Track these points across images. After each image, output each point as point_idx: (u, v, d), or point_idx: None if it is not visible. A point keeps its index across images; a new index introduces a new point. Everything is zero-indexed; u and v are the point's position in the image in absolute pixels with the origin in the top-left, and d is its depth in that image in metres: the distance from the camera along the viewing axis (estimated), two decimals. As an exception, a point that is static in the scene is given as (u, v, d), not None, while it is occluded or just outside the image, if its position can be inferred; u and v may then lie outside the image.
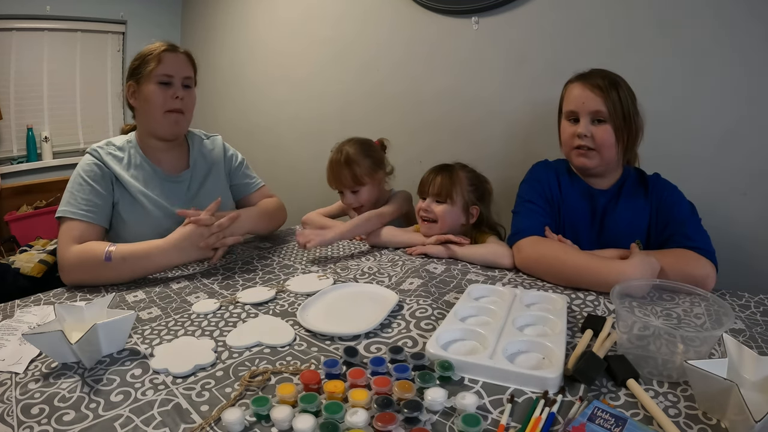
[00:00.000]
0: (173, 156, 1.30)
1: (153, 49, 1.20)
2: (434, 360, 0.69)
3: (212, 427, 0.58)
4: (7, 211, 2.52)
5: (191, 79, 1.26)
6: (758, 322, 0.85)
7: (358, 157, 1.46)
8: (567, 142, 1.15)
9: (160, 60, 1.19)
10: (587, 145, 1.10)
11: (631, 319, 0.71)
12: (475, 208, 1.31)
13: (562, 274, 1.01)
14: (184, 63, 1.23)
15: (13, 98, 2.60)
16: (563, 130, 1.17)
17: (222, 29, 2.77)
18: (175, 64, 1.21)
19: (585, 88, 1.10)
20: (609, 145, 1.09)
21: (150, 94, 1.19)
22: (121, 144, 1.24)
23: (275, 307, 0.94)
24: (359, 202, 1.49)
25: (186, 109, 1.24)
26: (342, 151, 1.47)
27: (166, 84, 1.20)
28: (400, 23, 1.94)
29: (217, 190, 1.34)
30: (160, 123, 1.22)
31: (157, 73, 1.19)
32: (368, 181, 1.47)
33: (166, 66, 1.19)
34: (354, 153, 1.46)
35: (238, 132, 2.65)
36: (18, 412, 0.61)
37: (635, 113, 1.10)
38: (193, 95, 1.27)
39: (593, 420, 0.56)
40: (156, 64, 1.18)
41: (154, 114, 1.20)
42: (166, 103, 1.20)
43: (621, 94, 1.08)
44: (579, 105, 1.11)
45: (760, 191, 1.32)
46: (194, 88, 1.28)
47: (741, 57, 1.29)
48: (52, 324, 0.74)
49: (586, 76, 1.13)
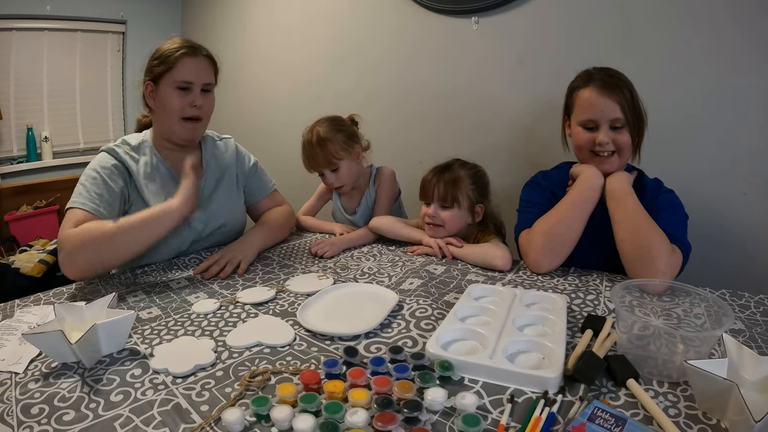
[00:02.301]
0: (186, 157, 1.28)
1: (174, 49, 1.15)
2: (434, 360, 0.69)
3: (212, 427, 0.58)
4: (7, 211, 2.52)
5: (211, 84, 1.22)
6: (758, 322, 0.85)
7: (331, 134, 1.42)
8: (583, 147, 1.14)
9: (180, 64, 1.14)
10: (609, 151, 1.10)
11: (631, 319, 0.71)
12: (479, 206, 1.31)
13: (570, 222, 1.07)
14: (204, 68, 1.19)
15: (13, 98, 2.59)
16: (577, 136, 1.15)
17: (222, 29, 2.77)
18: (196, 70, 1.16)
19: (600, 95, 1.08)
20: (628, 147, 1.10)
21: (167, 99, 1.16)
22: (136, 144, 1.22)
23: (275, 307, 0.93)
24: (340, 181, 1.47)
25: (204, 116, 1.21)
26: (313, 132, 1.44)
27: (185, 89, 1.16)
28: (400, 24, 1.94)
29: (230, 194, 1.34)
30: (176, 129, 1.19)
31: (175, 78, 1.14)
32: (344, 156, 1.44)
33: (185, 71, 1.15)
34: (326, 131, 1.43)
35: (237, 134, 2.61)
36: (18, 412, 0.61)
37: (641, 108, 1.11)
38: (212, 100, 1.24)
39: (593, 420, 0.56)
40: (175, 68, 1.14)
41: (171, 120, 1.18)
42: (183, 110, 1.16)
43: (632, 93, 1.09)
44: (597, 113, 1.09)
45: (760, 191, 1.32)
46: (213, 93, 1.24)
47: (741, 57, 1.29)
48: (52, 324, 0.74)
49: (593, 78, 1.11)
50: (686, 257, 1.01)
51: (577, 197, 1.09)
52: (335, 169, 1.46)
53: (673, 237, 0.99)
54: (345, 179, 1.47)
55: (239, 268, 1.13)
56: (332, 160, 1.43)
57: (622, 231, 1.02)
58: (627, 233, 1.01)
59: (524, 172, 1.29)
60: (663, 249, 0.96)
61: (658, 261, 0.95)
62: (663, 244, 0.96)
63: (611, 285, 1.02)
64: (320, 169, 1.47)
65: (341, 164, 1.45)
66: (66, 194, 1.18)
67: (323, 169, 1.46)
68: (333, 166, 1.45)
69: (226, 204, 1.33)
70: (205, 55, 1.20)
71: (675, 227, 1.03)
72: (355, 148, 1.47)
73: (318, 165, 1.45)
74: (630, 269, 1.00)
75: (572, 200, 1.09)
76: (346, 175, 1.47)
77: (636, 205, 1.03)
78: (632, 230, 1.00)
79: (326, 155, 1.42)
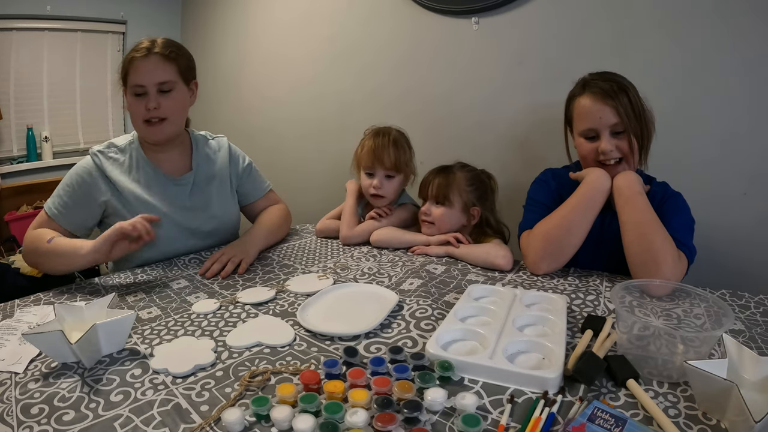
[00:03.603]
0: (173, 157, 1.27)
1: (127, 54, 1.15)
2: (434, 360, 0.69)
3: (212, 427, 0.58)
4: (7, 211, 2.52)
5: (169, 83, 1.15)
6: (758, 323, 0.85)
7: (404, 144, 1.41)
8: (588, 158, 1.12)
9: (132, 69, 1.13)
10: (614, 158, 1.08)
11: (631, 319, 0.71)
12: (475, 209, 1.31)
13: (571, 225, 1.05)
14: (155, 67, 1.13)
15: (13, 98, 2.59)
16: (581, 147, 1.13)
17: (222, 29, 2.77)
18: (145, 72, 1.12)
19: (596, 102, 1.07)
20: (634, 152, 1.07)
21: (129, 105, 1.17)
22: (123, 145, 1.22)
23: (275, 307, 0.93)
24: (386, 191, 1.40)
25: (168, 114, 1.17)
26: (389, 134, 1.40)
27: (140, 94, 1.14)
28: (400, 24, 1.94)
29: (223, 195, 1.33)
30: (142, 132, 1.20)
31: (130, 84, 1.14)
32: (404, 171, 1.41)
33: (136, 75, 1.13)
34: (400, 138, 1.41)
35: (238, 133, 2.64)
36: (18, 412, 0.61)
37: (644, 110, 1.08)
38: (175, 98, 1.18)
39: (593, 420, 0.56)
40: (129, 74, 1.13)
41: (136, 124, 1.19)
42: (142, 114, 1.16)
43: (631, 97, 1.06)
44: (596, 121, 1.07)
45: (760, 191, 1.32)
46: (180, 88, 1.19)
47: (741, 57, 1.29)
48: (52, 324, 0.74)
49: (588, 85, 1.10)
50: (691, 262, 1.00)
51: (582, 200, 1.06)
52: (390, 177, 1.40)
53: (679, 242, 0.98)
54: (390, 191, 1.41)
55: (239, 267, 1.13)
56: (397, 165, 1.39)
57: (630, 233, 1.00)
58: (634, 236, 0.99)
59: (524, 172, 1.29)
60: (669, 255, 0.94)
61: (664, 266, 0.93)
62: (670, 250, 0.95)
63: (611, 285, 1.02)
64: (380, 168, 1.39)
65: (398, 176, 1.41)
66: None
67: (382, 170, 1.39)
68: (393, 171, 1.40)
69: (219, 205, 1.32)
70: (158, 53, 1.13)
71: (682, 232, 1.01)
72: (409, 170, 1.44)
73: (381, 162, 1.38)
74: (635, 273, 0.98)
75: (576, 203, 1.07)
76: (395, 188, 1.42)
77: (646, 206, 1.00)
78: (640, 234, 0.98)
79: (396, 158, 1.38)
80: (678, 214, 1.06)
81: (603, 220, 1.12)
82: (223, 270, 1.12)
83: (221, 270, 1.12)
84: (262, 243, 1.27)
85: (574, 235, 1.05)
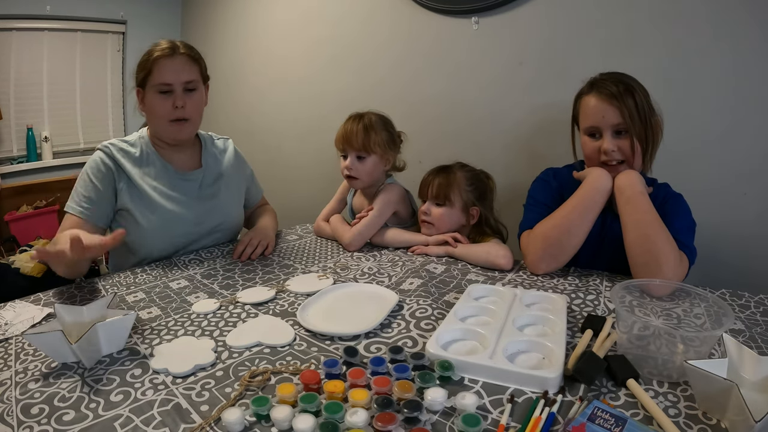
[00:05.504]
0: (184, 155, 1.30)
1: (150, 54, 1.16)
2: (434, 360, 0.69)
3: (212, 427, 0.58)
4: (7, 211, 2.52)
5: (194, 81, 1.20)
6: (758, 322, 0.85)
7: (378, 126, 1.39)
8: (592, 157, 1.11)
9: (157, 68, 1.14)
10: (616, 159, 1.07)
11: (631, 319, 0.71)
12: (475, 209, 1.31)
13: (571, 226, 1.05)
14: (182, 66, 1.17)
15: (13, 98, 2.59)
16: (585, 145, 1.13)
17: (222, 29, 2.77)
18: (173, 71, 1.15)
19: (602, 101, 1.06)
20: (637, 155, 1.06)
21: (152, 104, 1.18)
22: (133, 140, 1.25)
23: (275, 307, 0.93)
24: (358, 172, 1.39)
25: (191, 115, 1.21)
26: (364, 116, 1.40)
27: (166, 92, 1.16)
28: (400, 23, 1.94)
29: (230, 194, 1.37)
30: (166, 131, 1.22)
31: (154, 83, 1.15)
32: (378, 152, 1.38)
33: (162, 74, 1.14)
34: (376, 121, 1.40)
35: (238, 132, 2.64)
36: (18, 412, 0.61)
37: (652, 114, 1.07)
38: (198, 97, 1.23)
39: (593, 420, 0.56)
40: (153, 72, 1.15)
41: (159, 123, 1.21)
42: (168, 113, 1.17)
43: (637, 99, 1.04)
44: (599, 119, 1.07)
45: (760, 191, 1.32)
46: (201, 89, 1.23)
47: (741, 57, 1.29)
48: (52, 324, 0.74)
49: (596, 85, 1.09)
50: (692, 263, 1.00)
51: (582, 200, 1.06)
52: (361, 158, 1.39)
53: (680, 243, 0.98)
54: (363, 173, 1.40)
55: (266, 249, 1.26)
56: (366, 147, 1.37)
57: (631, 234, 0.99)
58: (636, 237, 0.98)
59: (524, 172, 1.29)
60: (671, 256, 0.94)
61: (666, 267, 0.93)
62: (672, 251, 0.95)
63: (611, 285, 1.02)
64: (349, 149, 1.39)
65: (370, 157, 1.39)
66: (66, 194, 1.21)
67: (352, 151, 1.39)
68: (363, 153, 1.38)
69: (226, 203, 1.35)
70: (184, 53, 1.18)
71: (683, 233, 1.01)
72: (389, 153, 1.42)
73: (350, 144, 1.37)
74: (636, 273, 0.98)
75: (576, 203, 1.06)
76: (368, 170, 1.40)
77: (648, 206, 1.00)
78: (642, 234, 0.97)
79: (365, 140, 1.36)
80: (679, 216, 1.06)
81: (604, 220, 1.11)
82: (254, 252, 1.23)
83: (252, 253, 1.22)
84: (275, 232, 1.39)
85: (574, 236, 1.05)
